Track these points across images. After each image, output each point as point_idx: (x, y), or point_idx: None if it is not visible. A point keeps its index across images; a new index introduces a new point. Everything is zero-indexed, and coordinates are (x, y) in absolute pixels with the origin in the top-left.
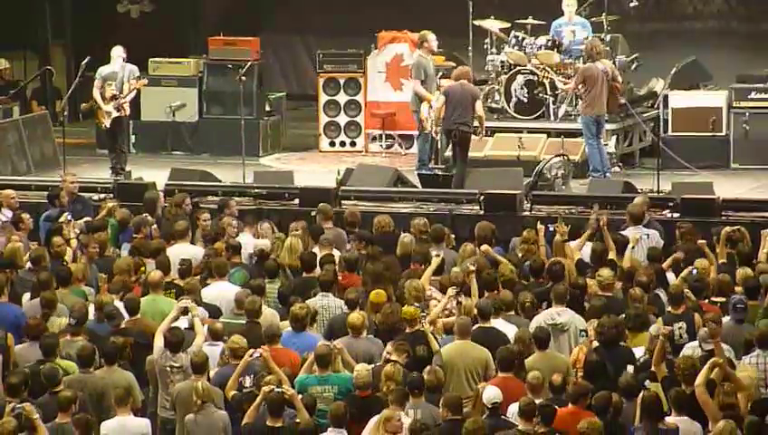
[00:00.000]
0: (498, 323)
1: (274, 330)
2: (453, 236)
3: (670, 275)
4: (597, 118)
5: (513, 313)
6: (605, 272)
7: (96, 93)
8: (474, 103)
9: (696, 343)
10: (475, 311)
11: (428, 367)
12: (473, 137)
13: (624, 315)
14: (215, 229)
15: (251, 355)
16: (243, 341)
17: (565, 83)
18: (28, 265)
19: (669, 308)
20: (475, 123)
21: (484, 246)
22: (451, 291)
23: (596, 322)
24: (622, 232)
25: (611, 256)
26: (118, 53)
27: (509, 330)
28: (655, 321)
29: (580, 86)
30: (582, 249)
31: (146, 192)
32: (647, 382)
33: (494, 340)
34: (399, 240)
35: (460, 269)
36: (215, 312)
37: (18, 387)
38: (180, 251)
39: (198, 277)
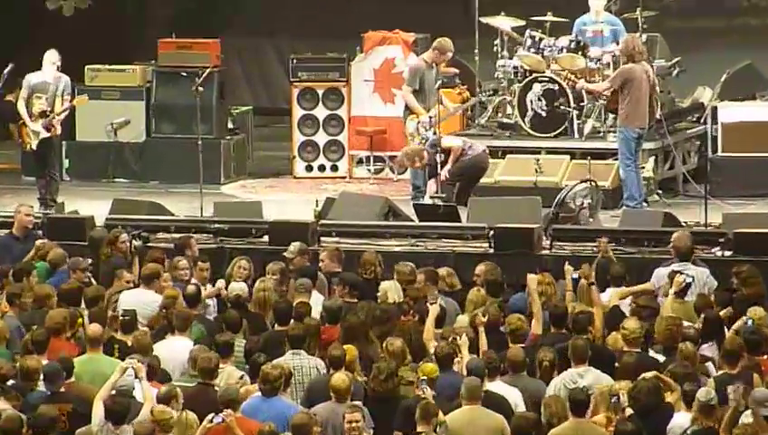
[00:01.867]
0: (493, 387)
1: (232, 395)
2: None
3: None
4: (640, 132)
5: (524, 373)
6: (631, 324)
7: (21, 107)
8: None
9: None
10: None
11: None
12: None
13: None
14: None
15: (210, 421)
16: (167, 410)
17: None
18: None
19: (724, 367)
20: None
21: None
22: (466, 340)
23: (625, 383)
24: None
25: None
26: (51, 58)
27: (511, 395)
28: (705, 383)
29: (620, 90)
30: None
31: (91, 231)
32: None
33: (494, 406)
34: (382, 287)
35: (468, 319)
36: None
37: None
38: (136, 299)
39: (151, 332)
